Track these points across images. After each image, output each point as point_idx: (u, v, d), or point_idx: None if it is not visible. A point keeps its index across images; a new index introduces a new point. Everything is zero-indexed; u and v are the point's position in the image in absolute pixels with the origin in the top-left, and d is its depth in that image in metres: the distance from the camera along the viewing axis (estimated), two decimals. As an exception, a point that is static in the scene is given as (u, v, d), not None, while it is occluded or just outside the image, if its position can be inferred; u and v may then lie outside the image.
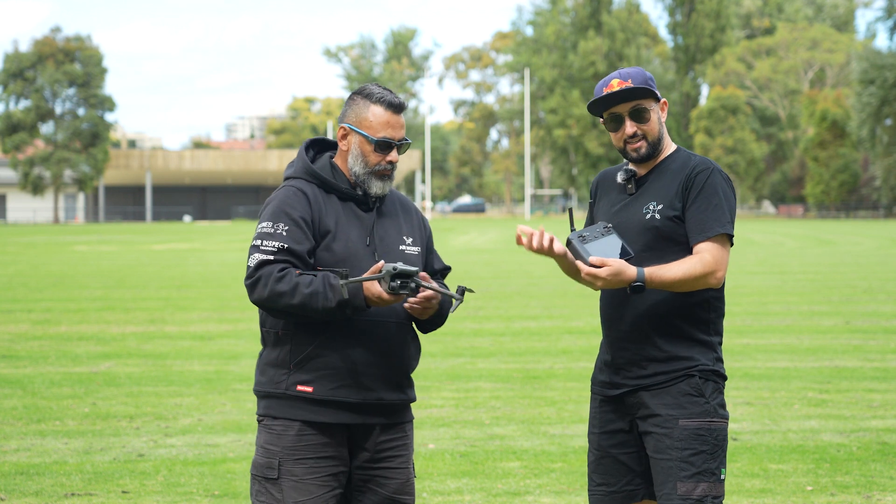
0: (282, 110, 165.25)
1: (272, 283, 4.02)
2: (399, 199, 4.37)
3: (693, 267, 4.12)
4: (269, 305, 4.06)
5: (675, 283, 4.11)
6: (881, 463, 7.91)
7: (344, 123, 4.22)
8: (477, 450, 8.38)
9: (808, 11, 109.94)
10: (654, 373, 4.22)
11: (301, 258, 4.07)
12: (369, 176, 4.18)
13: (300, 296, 3.99)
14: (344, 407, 4.11)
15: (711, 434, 4.18)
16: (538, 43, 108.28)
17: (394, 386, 4.18)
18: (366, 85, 4.25)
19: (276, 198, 4.18)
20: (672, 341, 4.22)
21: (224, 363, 12.61)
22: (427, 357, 13.11)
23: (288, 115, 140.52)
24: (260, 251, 4.08)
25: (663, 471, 4.18)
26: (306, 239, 4.09)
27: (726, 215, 4.19)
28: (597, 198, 4.44)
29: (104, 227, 76.77)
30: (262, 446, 4.15)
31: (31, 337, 14.96)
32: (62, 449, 8.41)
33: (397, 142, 4.18)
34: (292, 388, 4.10)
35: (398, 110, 4.19)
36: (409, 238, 4.28)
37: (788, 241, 46.74)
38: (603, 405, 4.35)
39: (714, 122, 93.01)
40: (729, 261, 4.28)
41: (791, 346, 13.87)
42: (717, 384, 4.25)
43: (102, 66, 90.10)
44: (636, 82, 4.22)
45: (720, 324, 4.32)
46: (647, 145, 4.26)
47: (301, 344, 4.10)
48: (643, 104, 4.24)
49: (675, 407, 4.18)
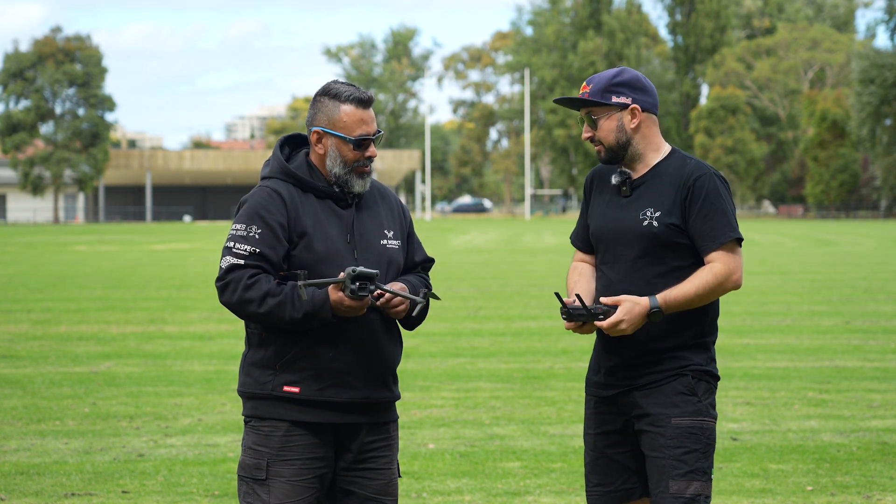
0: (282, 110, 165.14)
1: (241, 290, 4.01)
2: (377, 188, 4.33)
3: (705, 279, 4.15)
4: (237, 311, 4.06)
5: (692, 300, 4.16)
6: (881, 463, 7.91)
7: (316, 127, 4.17)
8: (477, 450, 8.38)
9: (808, 11, 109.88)
10: (647, 372, 4.24)
11: (273, 263, 4.05)
12: (350, 175, 4.15)
13: (267, 305, 3.98)
14: (331, 407, 4.10)
15: (703, 433, 4.21)
16: (538, 43, 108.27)
17: (380, 384, 4.17)
18: (329, 85, 4.19)
19: (251, 199, 4.13)
20: (664, 342, 4.24)
21: (224, 363, 12.61)
22: (427, 357, 13.12)
23: (288, 115, 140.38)
24: (232, 254, 4.06)
25: (657, 469, 4.21)
26: (279, 243, 4.06)
27: (732, 220, 4.22)
28: (591, 196, 4.46)
29: (104, 227, 76.75)
30: (249, 447, 4.14)
31: (31, 337, 14.96)
32: (62, 449, 8.41)
33: (373, 136, 4.16)
34: (278, 389, 4.09)
35: (368, 105, 4.16)
36: (389, 231, 4.24)
37: (788, 241, 46.74)
38: (598, 406, 4.37)
39: (714, 122, 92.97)
40: (743, 259, 4.31)
41: (791, 346, 13.86)
42: (710, 384, 4.28)
43: (102, 66, 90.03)
44: (592, 91, 4.30)
45: (714, 324, 4.34)
46: (605, 150, 4.32)
47: (286, 344, 4.08)
48: (593, 112, 4.30)
49: (668, 406, 4.20)
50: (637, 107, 4.28)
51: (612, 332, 4.14)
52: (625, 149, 4.30)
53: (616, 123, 4.29)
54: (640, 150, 4.30)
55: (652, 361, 4.23)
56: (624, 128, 4.29)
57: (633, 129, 4.29)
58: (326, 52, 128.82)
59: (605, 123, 4.29)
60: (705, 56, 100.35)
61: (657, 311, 4.13)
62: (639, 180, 4.30)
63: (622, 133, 4.29)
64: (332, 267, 4.07)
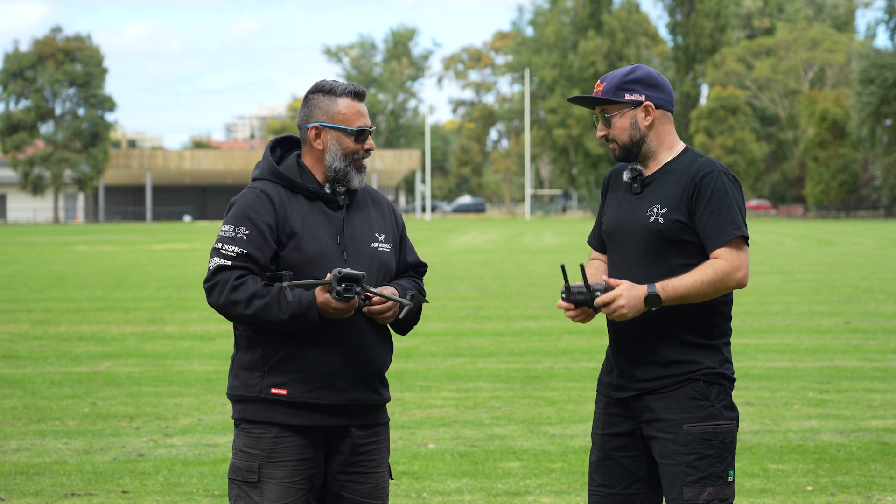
0: (282, 110, 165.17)
1: (227, 291, 4.01)
2: (370, 193, 4.33)
3: (705, 273, 4.11)
4: (224, 312, 4.06)
5: (690, 293, 4.11)
6: (881, 463, 7.91)
7: (314, 123, 4.17)
8: (477, 450, 8.38)
9: (808, 11, 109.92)
10: (658, 376, 4.21)
11: (260, 264, 4.05)
12: (350, 168, 4.16)
13: (253, 307, 3.98)
14: (318, 409, 4.10)
15: (717, 437, 4.17)
16: (538, 43, 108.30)
17: (367, 387, 4.16)
18: (320, 82, 4.22)
19: (240, 200, 4.14)
20: (674, 346, 4.21)
21: (224, 363, 12.61)
22: (427, 357, 13.12)
23: (288, 115, 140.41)
24: (220, 255, 4.06)
25: (669, 476, 4.19)
26: (266, 244, 4.06)
27: (737, 217, 4.18)
28: (607, 194, 4.46)
29: (104, 227, 76.76)
30: (240, 450, 4.13)
31: (31, 337, 14.96)
32: (62, 449, 8.41)
33: (370, 128, 4.20)
34: (266, 392, 4.08)
35: (363, 98, 4.22)
36: (380, 234, 4.25)
37: (788, 241, 46.74)
38: (608, 407, 4.35)
39: (714, 122, 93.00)
40: (749, 259, 4.28)
41: (791, 346, 13.87)
42: (724, 386, 4.24)
43: (102, 66, 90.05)
44: (606, 88, 4.28)
45: (727, 326, 4.32)
46: (619, 148, 4.31)
47: (274, 346, 4.08)
48: (607, 110, 4.29)
49: (680, 411, 4.17)
50: (650, 104, 4.26)
51: (612, 313, 4.08)
52: (639, 146, 4.27)
53: (629, 121, 4.27)
54: (653, 147, 4.28)
55: (662, 366, 4.21)
56: (637, 125, 4.27)
57: (646, 127, 4.27)
58: (326, 52, 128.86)
59: (618, 121, 4.27)
60: (705, 56, 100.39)
61: (654, 296, 4.07)
62: (649, 178, 4.29)
63: (636, 130, 4.27)
64: (321, 268, 4.06)
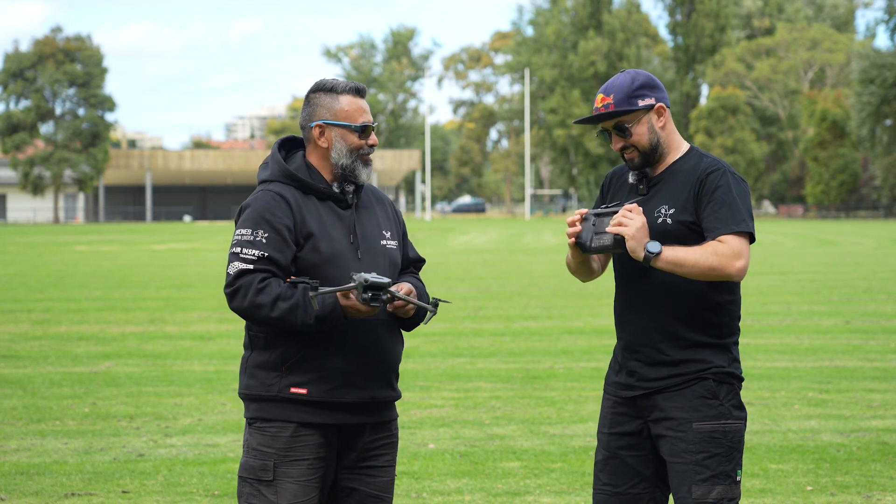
0: (282, 110, 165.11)
1: (252, 295, 4.00)
2: (372, 191, 4.38)
3: (705, 251, 4.11)
4: (248, 316, 4.05)
5: (686, 263, 4.09)
6: (881, 463, 7.91)
7: (318, 121, 4.18)
8: (477, 450, 8.38)
9: (808, 11, 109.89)
10: (667, 375, 4.22)
11: (282, 266, 4.05)
12: (356, 163, 4.18)
13: (279, 309, 3.98)
14: (339, 408, 4.11)
15: (726, 436, 4.19)
16: (538, 43, 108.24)
17: (385, 383, 4.19)
18: (320, 81, 4.24)
19: (255, 203, 4.12)
20: (683, 345, 4.22)
21: (224, 363, 12.61)
22: (427, 357, 13.12)
23: (288, 115, 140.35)
24: (240, 259, 4.04)
25: (678, 474, 4.19)
26: (287, 247, 4.06)
27: (742, 213, 4.18)
28: (608, 195, 4.46)
29: (104, 227, 76.76)
30: (254, 448, 4.12)
31: (31, 337, 14.96)
32: (62, 449, 8.41)
33: (372, 124, 4.23)
34: (286, 391, 4.08)
35: (363, 94, 4.26)
36: (387, 232, 4.29)
37: (788, 241, 46.73)
38: (616, 406, 4.35)
39: (714, 122, 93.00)
40: (750, 257, 4.28)
41: (791, 346, 13.87)
42: (732, 385, 4.25)
43: (102, 66, 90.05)
44: (616, 100, 4.27)
45: (735, 325, 4.32)
46: (639, 154, 4.30)
47: (293, 346, 4.08)
48: (623, 121, 4.28)
49: (689, 410, 4.18)
50: (662, 105, 4.31)
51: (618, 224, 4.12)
52: (656, 149, 4.30)
53: (647, 126, 4.29)
54: (666, 149, 4.32)
55: (670, 365, 4.21)
56: (654, 128, 4.29)
57: (661, 128, 4.31)
58: (326, 52, 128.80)
59: (636, 129, 4.28)
60: (705, 56, 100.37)
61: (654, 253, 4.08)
62: (656, 178, 4.31)
63: (654, 134, 4.29)
64: (337, 268, 4.09)
